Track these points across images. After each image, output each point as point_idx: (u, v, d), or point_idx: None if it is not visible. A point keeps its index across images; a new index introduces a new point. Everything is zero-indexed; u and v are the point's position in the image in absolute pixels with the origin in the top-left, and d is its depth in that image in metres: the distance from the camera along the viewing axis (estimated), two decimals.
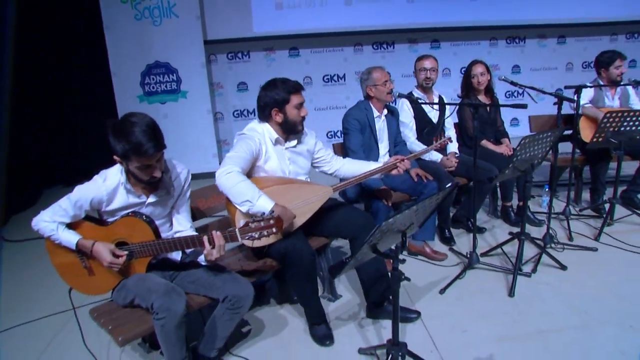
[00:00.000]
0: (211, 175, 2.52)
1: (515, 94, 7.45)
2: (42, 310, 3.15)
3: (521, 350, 2.50)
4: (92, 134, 6.21)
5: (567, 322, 2.72)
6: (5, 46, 4.80)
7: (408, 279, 2.02)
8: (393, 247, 2.05)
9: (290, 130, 2.73)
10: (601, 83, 4.34)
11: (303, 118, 2.72)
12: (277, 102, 2.63)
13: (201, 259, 2.26)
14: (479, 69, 4.05)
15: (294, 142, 2.80)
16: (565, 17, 7.17)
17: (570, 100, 3.32)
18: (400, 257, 2.49)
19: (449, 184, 2.16)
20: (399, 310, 2.11)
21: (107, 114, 6.07)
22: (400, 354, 2.13)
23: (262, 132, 2.69)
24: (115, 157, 2.10)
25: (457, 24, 6.98)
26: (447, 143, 3.19)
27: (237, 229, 2.06)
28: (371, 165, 2.93)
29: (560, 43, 7.58)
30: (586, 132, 4.14)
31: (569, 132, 4.30)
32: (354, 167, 2.95)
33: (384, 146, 3.57)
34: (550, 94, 3.36)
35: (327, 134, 6.98)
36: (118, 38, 5.82)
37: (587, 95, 4.26)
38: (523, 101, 3.59)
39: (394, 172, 2.86)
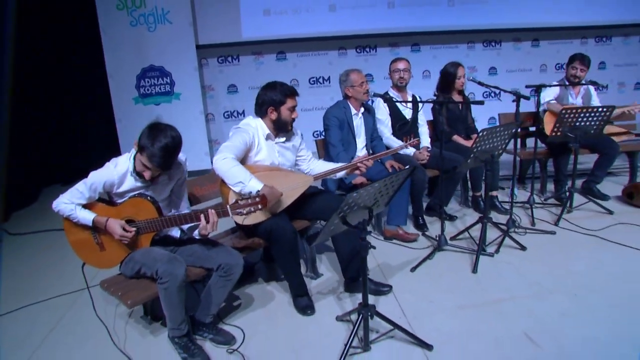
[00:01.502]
0: (203, 172, 2.85)
1: (492, 94, 7.82)
2: (47, 294, 3.43)
3: (478, 316, 2.85)
4: (89, 134, 6.53)
5: (520, 292, 3.09)
6: (5, 46, 5.03)
7: (373, 247, 2.36)
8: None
9: (281, 129, 3.08)
10: (566, 82, 4.74)
11: (293, 119, 3.08)
12: (274, 101, 2.98)
13: (196, 233, 2.61)
14: (462, 71, 4.44)
15: (283, 139, 3.15)
16: (539, 22, 7.58)
17: (525, 97, 3.68)
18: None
19: (407, 166, 2.51)
20: (367, 276, 2.46)
21: (104, 115, 6.38)
22: (369, 313, 2.47)
23: (255, 127, 3.03)
24: (134, 143, 2.45)
25: (436, 29, 7.33)
26: (416, 143, 3.57)
27: (228, 205, 2.42)
28: (336, 165, 3.29)
29: (534, 46, 7.96)
30: (549, 127, 4.52)
31: (534, 128, 4.71)
32: (324, 167, 3.31)
33: (361, 141, 3.92)
34: (509, 92, 3.74)
35: (313, 134, 7.32)
36: (114, 43, 6.12)
37: (553, 92, 4.67)
38: (497, 100, 3.97)
39: (357, 172, 3.24)
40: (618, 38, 8.07)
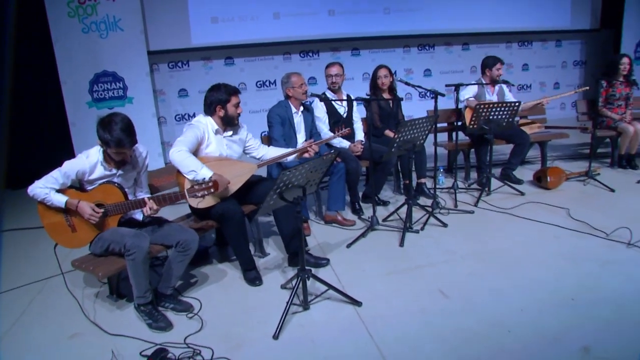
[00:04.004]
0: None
1: (429, 94, 8.45)
2: (13, 285, 3.66)
3: (402, 279, 3.37)
4: (42, 138, 6.66)
5: (438, 259, 3.64)
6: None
7: (308, 219, 2.83)
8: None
9: (229, 123, 3.53)
10: (483, 81, 5.37)
11: (239, 114, 3.55)
12: (220, 100, 3.43)
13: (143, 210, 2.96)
14: (382, 72, 4.96)
15: (230, 132, 3.59)
16: (468, 27, 8.35)
17: (441, 94, 4.24)
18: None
19: (332, 150, 2.99)
20: (303, 244, 2.92)
21: (57, 119, 6.55)
22: (306, 276, 2.94)
23: (205, 123, 3.47)
24: (98, 141, 2.84)
25: (374, 34, 7.96)
26: (346, 133, 4.07)
27: (185, 190, 2.85)
28: (288, 150, 3.77)
29: (465, 49, 8.72)
30: (469, 120, 5.13)
31: (459, 123, 5.35)
32: (275, 152, 3.79)
33: (301, 136, 4.40)
34: (429, 90, 4.30)
35: (261, 134, 7.74)
36: (67, 49, 6.35)
37: (472, 90, 5.29)
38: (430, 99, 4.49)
39: (306, 155, 3.72)
40: (538, 43, 8.94)
